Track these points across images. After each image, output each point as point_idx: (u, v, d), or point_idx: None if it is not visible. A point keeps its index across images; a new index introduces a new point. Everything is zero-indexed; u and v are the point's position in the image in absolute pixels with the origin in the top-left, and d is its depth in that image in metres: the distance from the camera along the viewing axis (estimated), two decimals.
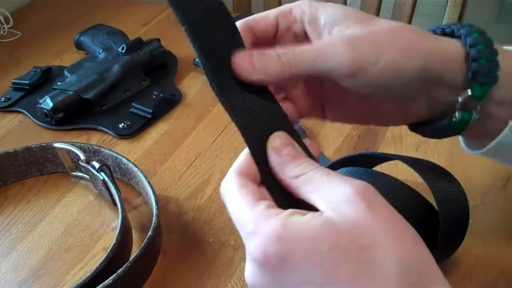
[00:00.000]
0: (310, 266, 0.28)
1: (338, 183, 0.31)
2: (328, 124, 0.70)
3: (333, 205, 0.30)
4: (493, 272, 0.50)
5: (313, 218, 0.29)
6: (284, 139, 0.34)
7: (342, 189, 0.30)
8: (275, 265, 0.29)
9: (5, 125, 0.75)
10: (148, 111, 0.73)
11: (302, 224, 0.29)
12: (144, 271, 0.52)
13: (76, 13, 1.04)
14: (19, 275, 0.53)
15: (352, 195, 0.30)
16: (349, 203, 0.29)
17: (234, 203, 0.32)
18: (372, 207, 0.29)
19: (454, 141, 0.66)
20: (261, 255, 0.29)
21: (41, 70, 0.81)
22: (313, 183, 0.32)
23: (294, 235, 0.29)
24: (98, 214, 0.60)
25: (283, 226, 0.29)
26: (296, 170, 0.33)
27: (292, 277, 0.29)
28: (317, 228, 0.29)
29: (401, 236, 0.29)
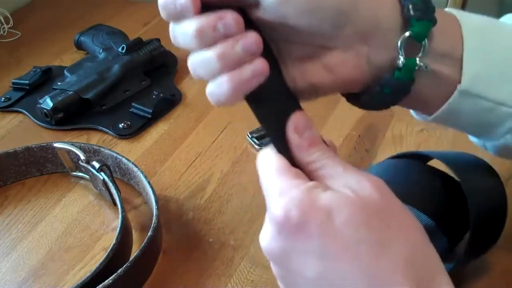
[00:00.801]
0: (324, 236, 0.30)
1: (354, 173, 0.32)
2: (328, 124, 0.70)
3: (351, 187, 0.31)
4: (493, 272, 0.50)
5: (335, 192, 0.31)
6: (305, 121, 0.35)
7: (358, 178, 0.32)
8: (292, 228, 0.30)
9: (5, 125, 0.75)
10: (148, 111, 0.73)
11: (323, 195, 0.31)
12: (144, 271, 0.52)
13: (76, 13, 1.04)
14: (19, 275, 0.53)
15: (367, 184, 0.31)
16: (365, 189, 0.31)
17: (268, 169, 0.34)
18: (385, 197, 0.31)
19: (454, 141, 0.67)
20: (282, 216, 0.31)
21: (41, 70, 0.81)
22: (329, 169, 0.33)
23: (315, 204, 0.30)
24: (98, 214, 0.60)
25: (306, 194, 0.31)
26: (312, 157, 0.34)
27: (306, 244, 0.30)
28: (337, 201, 0.30)
29: (410, 228, 0.31)
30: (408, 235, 0.30)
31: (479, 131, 0.42)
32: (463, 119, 0.40)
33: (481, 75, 0.38)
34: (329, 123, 0.70)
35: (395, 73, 0.37)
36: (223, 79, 0.33)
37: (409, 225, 0.31)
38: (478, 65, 0.38)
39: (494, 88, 0.38)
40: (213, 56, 0.33)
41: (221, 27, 0.32)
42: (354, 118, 0.71)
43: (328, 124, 0.70)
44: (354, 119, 0.71)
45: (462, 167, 0.46)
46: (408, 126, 0.69)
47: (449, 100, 0.38)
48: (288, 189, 0.32)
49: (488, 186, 0.46)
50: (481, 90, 0.38)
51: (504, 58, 0.38)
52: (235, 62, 0.33)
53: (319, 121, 0.71)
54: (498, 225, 0.46)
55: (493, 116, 0.38)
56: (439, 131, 0.68)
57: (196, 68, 0.35)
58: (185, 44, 0.34)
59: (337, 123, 0.71)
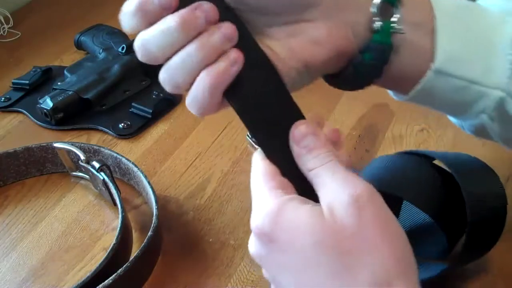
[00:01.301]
0: (293, 253, 0.31)
1: (341, 184, 0.32)
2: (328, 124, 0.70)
3: (330, 204, 0.31)
4: (493, 271, 0.50)
5: (309, 209, 0.31)
6: (305, 130, 0.35)
7: (342, 190, 0.31)
8: (266, 241, 0.32)
9: (5, 125, 0.75)
10: (148, 111, 0.73)
11: (296, 212, 0.31)
12: (144, 271, 0.52)
13: (76, 13, 1.04)
14: (19, 275, 0.53)
15: (348, 199, 0.31)
16: (342, 209, 0.31)
17: (255, 175, 0.35)
18: (363, 216, 0.31)
19: (454, 141, 0.67)
20: (256, 229, 0.32)
21: (41, 70, 0.81)
22: (321, 178, 0.33)
23: (284, 220, 0.31)
24: (98, 214, 0.60)
25: (279, 209, 0.32)
26: (311, 163, 0.34)
27: (279, 257, 0.32)
28: (308, 221, 0.31)
29: (382, 248, 0.30)
30: (378, 258, 0.30)
31: (454, 110, 0.42)
32: (438, 98, 0.40)
33: (453, 53, 0.38)
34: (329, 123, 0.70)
35: (374, 36, 0.37)
36: (202, 75, 0.33)
37: (383, 244, 0.30)
38: (451, 44, 0.38)
39: (467, 66, 0.38)
40: (194, 50, 0.33)
41: (202, 16, 0.33)
42: (354, 118, 0.71)
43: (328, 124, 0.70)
44: (354, 119, 0.71)
45: (462, 169, 0.46)
46: (408, 126, 0.69)
47: (423, 78, 0.38)
48: (267, 200, 0.32)
49: (487, 189, 0.46)
50: (454, 69, 0.38)
51: (476, 36, 0.38)
52: (214, 52, 0.33)
53: None
54: (496, 229, 0.46)
55: (466, 95, 0.39)
56: (439, 131, 0.68)
57: (175, 73, 0.34)
58: (165, 43, 0.34)
59: (337, 123, 0.71)
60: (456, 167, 0.46)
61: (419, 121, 0.70)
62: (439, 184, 0.46)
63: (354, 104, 0.73)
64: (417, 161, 0.49)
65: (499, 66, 0.38)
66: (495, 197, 0.46)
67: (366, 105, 0.73)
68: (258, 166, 0.35)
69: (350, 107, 0.73)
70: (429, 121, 0.70)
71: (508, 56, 0.38)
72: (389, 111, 0.72)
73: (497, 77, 0.38)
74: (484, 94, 0.38)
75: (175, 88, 0.35)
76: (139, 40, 0.35)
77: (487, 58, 0.38)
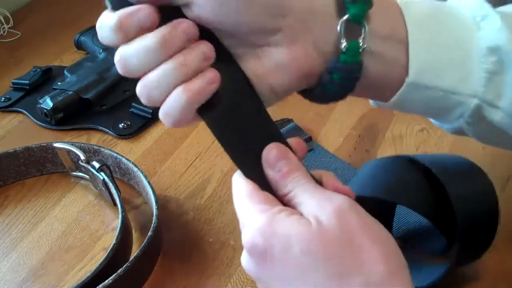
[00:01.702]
0: (284, 263, 0.31)
1: (321, 198, 0.33)
2: (328, 124, 0.70)
3: (315, 216, 0.32)
4: (493, 273, 0.50)
5: (298, 219, 0.32)
6: (276, 153, 0.35)
7: (323, 204, 0.33)
8: (259, 256, 0.32)
9: (5, 125, 0.75)
10: (148, 111, 0.73)
11: (285, 223, 0.32)
12: (144, 271, 0.52)
13: (76, 13, 1.04)
14: (19, 275, 0.53)
15: (329, 210, 0.32)
16: (326, 216, 0.32)
17: (238, 194, 0.36)
18: (345, 223, 0.32)
19: (454, 141, 0.67)
20: (248, 245, 0.33)
21: (41, 70, 0.81)
22: (300, 199, 0.34)
23: (276, 232, 0.32)
24: (98, 214, 0.60)
25: (268, 222, 0.32)
26: (287, 188, 0.35)
27: (271, 271, 0.32)
28: (298, 230, 0.32)
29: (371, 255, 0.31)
30: (367, 261, 0.31)
31: (432, 115, 0.43)
32: (416, 106, 0.40)
33: (427, 64, 0.38)
34: (329, 123, 0.70)
35: (341, 56, 0.36)
36: (179, 90, 0.34)
37: (371, 248, 0.31)
38: (424, 54, 0.38)
39: (441, 76, 0.38)
40: (171, 68, 0.33)
41: (182, 35, 0.33)
42: (354, 118, 0.71)
43: (328, 124, 0.70)
44: (354, 119, 0.71)
45: (448, 172, 0.46)
46: (408, 126, 0.69)
47: (399, 91, 0.38)
48: (255, 216, 0.33)
49: (475, 188, 0.46)
50: (429, 80, 0.38)
51: (450, 44, 0.38)
52: (192, 71, 0.34)
53: (319, 121, 0.71)
54: (489, 231, 0.46)
55: (443, 103, 0.39)
56: (439, 131, 0.68)
57: (152, 88, 0.35)
58: (144, 61, 0.34)
59: (337, 123, 0.71)
60: (441, 169, 0.46)
61: (419, 121, 0.70)
62: (429, 186, 0.46)
63: (354, 104, 0.73)
64: (405, 164, 0.49)
65: (475, 75, 0.38)
66: (484, 196, 0.46)
67: (366, 105, 0.73)
68: (239, 185, 0.36)
69: (350, 107, 0.73)
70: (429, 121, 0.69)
71: (483, 65, 0.38)
72: (389, 111, 0.72)
73: (473, 85, 0.38)
74: (460, 102, 0.39)
75: (151, 102, 0.36)
76: (119, 55, 0.34)
77: (462, 66, 0.38)
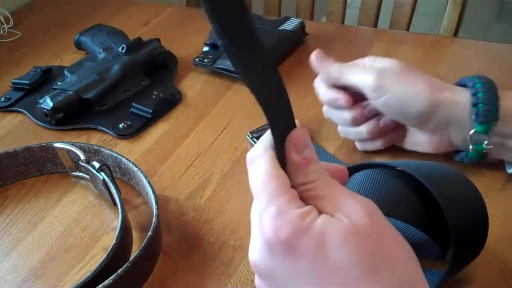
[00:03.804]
0: (316, 259, 0.31)
1: (346, 196, 0.33)
2: (328, 124, 0.70)
3: (344, 213, 0.32)
4: (493, 272, 0.50)
5: (327, 218, 0.32)
6: (306, 139, 0.35)
7: (350, 202, 0.33)
8: (285, 250, 0.31)
9: (5, 125, 0.75)
10: (148, 111, 0.73)
11: (317, 221, 0.32)
12: (144, 271, 0.52)
13: (76, 13, 1.04)
14: (19, 275, 0.53)
15: (358, 209, 0.32)
16: (357, 214, 0.32)
17: (263, 178, 0.33)
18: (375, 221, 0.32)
19: None
20: (274, 237, 0.31)
21: (41, 70, 0.81)
22: (322, 191, 0.33)
23: (310, 228, 0.31)
24: (98, 214, 0.60)
25: (302, 218, 0.31)
26: (308, 177, 0.34)
27: (297, 266, 0.31)
28: (329, 226, 0.31)
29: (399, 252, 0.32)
30: (397, 261, 0.31)
31: None
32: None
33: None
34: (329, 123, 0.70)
35: (468, 153, 0.57)
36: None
37: (398, 249, 0.32)
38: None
39: None
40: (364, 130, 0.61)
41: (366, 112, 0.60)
42: None
43: (328, 124, 0.70)
44: None
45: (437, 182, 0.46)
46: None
47: None
48: (285, 212, 0.32)
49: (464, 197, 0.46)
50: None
51: None
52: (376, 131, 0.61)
53: (319, 121, 0.71)
54: (480, 234, 0.46)
55: None
56: None
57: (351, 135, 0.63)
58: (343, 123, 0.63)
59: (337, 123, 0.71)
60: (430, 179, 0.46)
61: None
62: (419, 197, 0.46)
63: None
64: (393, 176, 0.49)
65: None
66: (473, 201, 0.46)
67: None
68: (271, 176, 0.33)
69: None
70: None
71: None
72: None
73: None
74: None
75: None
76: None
77: None
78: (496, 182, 0.59)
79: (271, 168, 0.34)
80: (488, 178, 0.59)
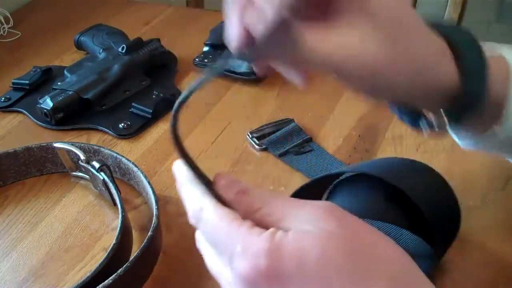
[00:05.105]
0: (302, 279, 0.29)
1: (302, 207, 0.31)
2: (328, 124, 0.70)
3: (311, 223, 0.30)
4: (493, 272, 0.50)
5: (296, 233, 0.30)
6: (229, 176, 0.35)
7: (309, 211, 0.31)
8: (269, 279, 0.29)
9: (5, 125, 0.75)
10: (148, 111, 0.73)
11: (288, 239, 0.29)
12: (144, 271, 0.52)
13: (76, 13, 1.04)
14: (19, 275, 0.53)
15: (321, 214, 0.30)
16: (322, 220, 0.30)
17: (214, 225, 0.32)
18: (343, 221, 0.30)
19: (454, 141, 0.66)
20: (252, 271, 0.29)
21: (41, 70, 0.81)
22: (275, 213, 0.32)
23: (284, 249, 0.29)
24: (98, 214, 0.60)
25: (272, 242, 0.29)
26: (254, 206, 0.32)
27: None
28: (302, 241, 0.29)
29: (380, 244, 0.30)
30: (384, 254, 0.30)
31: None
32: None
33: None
34: (329, 123, 0.70)
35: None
36: None
37: (380, 242, 0.30)
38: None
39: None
40: None
41: None
42: (354, 118, 0.71)
43: (328, 124, 0.70)
44: (354, 119, 0.71)
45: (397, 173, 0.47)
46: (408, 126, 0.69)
47: None
48: (251, 243, 0.30)
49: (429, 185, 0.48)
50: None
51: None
52: None
53: (319, 121, 0.71)
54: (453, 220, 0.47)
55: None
56: None
57: None
58: None
59: (337, 123, 0.71)
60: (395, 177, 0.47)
61: None
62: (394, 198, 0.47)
63: (354, 104, 0.73)
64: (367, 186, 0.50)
65: None
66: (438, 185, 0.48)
67: (366, 105, 0.73)
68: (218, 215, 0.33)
69: (350, 107, 0.73)
70: None
71: None
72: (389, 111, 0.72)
73: None
74: None
75: None
76: None
77: None
78: (496, 182, 0.59)
79: (216, 211, 0.33)
80: (488, 178, 0.59)
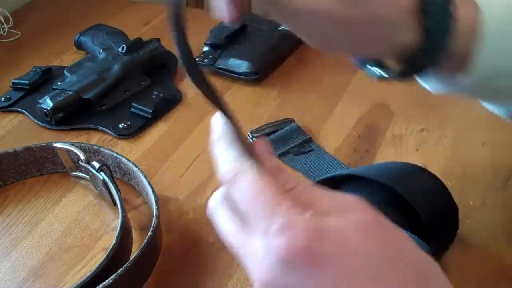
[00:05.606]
0: (341, 264, 0.28)
1: (334, 195, 0.31)
2: (328, 124, 0.70)
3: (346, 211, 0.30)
4: (493, 272, 0.50)
5: (337, 218, 0.29)
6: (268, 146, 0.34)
7: (342, 198, 0.31)
8: (304, 261, 0.28)
9: (5, 125, 0.75)
10: (148, 111, 0.73)
11: (330, 223, 0.29)
12: (144, 271, 0.52)
13: (76, 13, 1.04)
14: (19, 275, 0.53)
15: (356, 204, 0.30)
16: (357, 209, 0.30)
17: (254, 193, 0.31)
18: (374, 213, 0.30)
19: (454, 141, 0.67)
20: (292, 251, 0.28)
21: (41, 70, 0.81)
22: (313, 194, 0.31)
23: (326, 233, 0.28)
24: (98, 214, 0.60)
25: (314, 223, 0.28)
26: (290, 182, 0.31)
27: (321, 275, 0.28)
28: (345, 228, 0.29)
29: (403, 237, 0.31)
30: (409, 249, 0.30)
31: None
32: None
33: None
34: (329, 123, 0.70)
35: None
36: None
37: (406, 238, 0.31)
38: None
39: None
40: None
41: None
42: (354, 118, 0.71)
43: (328, 124, 0.70)
44: (354, 119, 0.71)
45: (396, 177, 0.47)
46: (408, 126, 0.69)
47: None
48: (294, 220, 0.29)
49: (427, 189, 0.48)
50: None
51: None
52: None
53: (319, 121, 0.71)
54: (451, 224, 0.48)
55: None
56: (439, 131, 0.68)
57: None
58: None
59: (337, 123, 0.71)
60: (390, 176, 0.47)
61: (419, 121, 0.70)
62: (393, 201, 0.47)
63: (354, 104, 0.73)
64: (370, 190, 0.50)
65: None
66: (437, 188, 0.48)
67: (366, 105, 0.73)
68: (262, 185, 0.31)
69: (350, 107, 0.73)
70: (429, 121, 0.70)
71: None
72: (389, 111, 0.72)
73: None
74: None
75: None
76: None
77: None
78: (496, 182, 0.59)
79: (262, 179, 0.31)
80: (488, 178, 0.59)
